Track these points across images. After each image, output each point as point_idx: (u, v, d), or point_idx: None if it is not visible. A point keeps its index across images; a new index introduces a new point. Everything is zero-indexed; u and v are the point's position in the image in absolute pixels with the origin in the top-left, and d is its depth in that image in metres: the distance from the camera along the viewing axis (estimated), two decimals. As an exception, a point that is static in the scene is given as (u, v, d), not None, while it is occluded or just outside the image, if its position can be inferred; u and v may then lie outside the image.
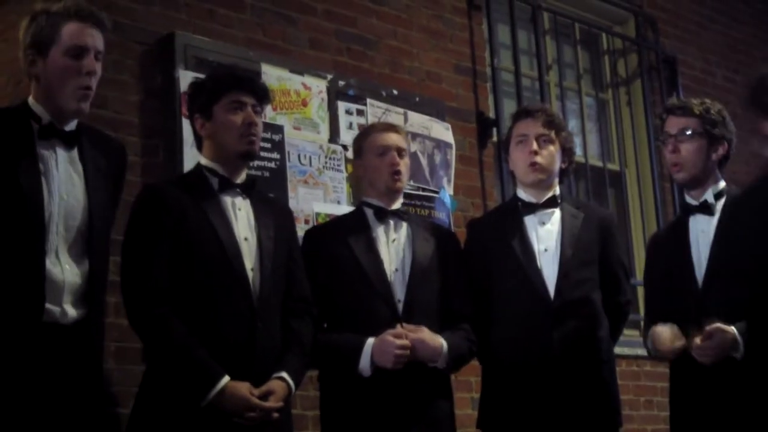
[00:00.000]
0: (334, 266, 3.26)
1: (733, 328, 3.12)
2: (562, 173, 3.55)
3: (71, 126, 2.75)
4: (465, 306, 3.38)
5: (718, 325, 3.13)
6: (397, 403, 3.13)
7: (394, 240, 3.33)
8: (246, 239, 2.97)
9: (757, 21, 7.12)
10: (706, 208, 3.37)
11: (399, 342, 3.11)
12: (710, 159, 3.39)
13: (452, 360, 3.24)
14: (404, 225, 3.37)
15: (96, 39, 2.74)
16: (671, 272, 3.39)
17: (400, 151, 3.37)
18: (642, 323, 3.57)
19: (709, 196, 3.39)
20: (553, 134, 3.45)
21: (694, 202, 3.42)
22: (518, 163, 3.49)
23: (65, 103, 2.70)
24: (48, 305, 2.57)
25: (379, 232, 3.34)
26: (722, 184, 3.42)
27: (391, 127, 3.48)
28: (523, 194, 3.52)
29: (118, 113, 3.71)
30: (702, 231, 3.36)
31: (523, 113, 3.56)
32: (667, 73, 6.24)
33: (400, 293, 3.25)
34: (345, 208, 4.22)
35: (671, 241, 3.44)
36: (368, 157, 3.39)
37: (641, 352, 4.57)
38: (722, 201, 3.38)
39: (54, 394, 2.57)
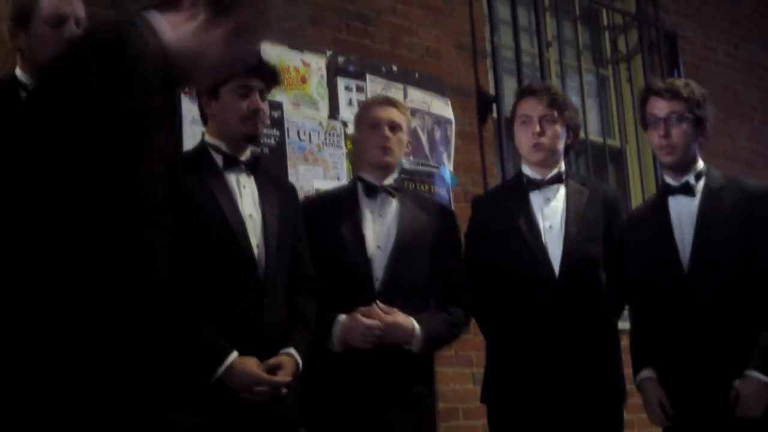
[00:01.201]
0: (321, 242, 3.21)
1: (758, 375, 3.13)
2: (567, 148, 3.53)
3: None
4: (456, 288, 3.35)
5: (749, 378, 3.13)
6: (374, 383, 3.11)
7: (380, 216, 3.30)
8: (251, 216, 2.97)
9: (758, -4, 7.11)
10: (687, 189, 3.36)
11: (367, 322, 3.09)
12: (696, 141, 3.39)
13: (426, 343, 3.20)
14: (393, 201, 3.32)
15: (75, 6, 2.74)
16: (654, 254, 3.36)
17: (393, 126, 3.31)
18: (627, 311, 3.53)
19: (690, 177, 3.37)
20: (556, 113, 3.43)
21: (674, 183, 3.39)
22: (522, 143, 3.48)
23: None
24: None
25: (367, 208, 3.30)
26: (701, 164, 3.41)
27: (389, 101, 3.44)
28: (528, 171, 3.50)
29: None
30: (684, 212, 3.34)
31: (526, 92, 3.54)
32: (667, 48, 6.22)
33: (379, 271, 3.22)
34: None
35: (651, 222, 3.42)
36: (362, 130, 3.37)
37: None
38: (702, 181, 3.37)
39: None
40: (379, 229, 3.28)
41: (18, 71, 2.72)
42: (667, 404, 3.23)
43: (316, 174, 4.25)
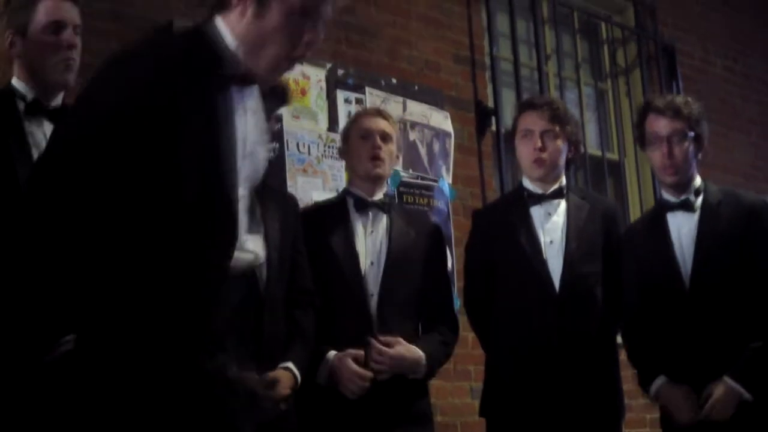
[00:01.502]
0: (312, 258, 3.19)
1: (738, 387, 3.14)
2: (568, 162, 3.52)
3: (57, 102, 2.72)
4: (443, 306, 3.36)
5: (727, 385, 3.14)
6: (375, 401, 3.10)
7: (372, 232, 3.28)
8: None
9: (757, 10, 7.11)
10: (687, 206, 3.35)
11: (359, 372, 3.06)
12: (696, 159, 3.39)
13: (431, 369, 3.22)
14: (384, 217, 3.30)
15: (72, 13, 2.73)
16: (653, 270, 3.35)
17: (384, 136, 3.28)
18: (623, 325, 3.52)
19: (690, 194, 3.36)
20: (558, 128, 3.42)
21: (673, 199, 3.39)
22: (523, 158, 3.47)
23: (49, 76, 2.69)
24: None
25: (358, 223, 3.28)
26: (698, 180, 3.40)
27: (378, 113, 3.41)
28: (529, 184, 3.49)
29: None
30: (683, 228, 3.33)
31: (527, 105, 3.53)
32: (666, 62, 6.23)
33: (373, 287, 3.20)
34: (344, 197, 4.24)
35: (651, 239, 3.40)
36: (352, 141, 3.34)
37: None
38: (701, 198, 3.37)
39: None
40: (371, 244, 3.26)
41: (15, 81, 2.72)
42: (694, 397, 3.20)
43: (315, 186, 4.25)
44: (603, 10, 6.26)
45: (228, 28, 2.00)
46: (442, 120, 4.83)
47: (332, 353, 3.09)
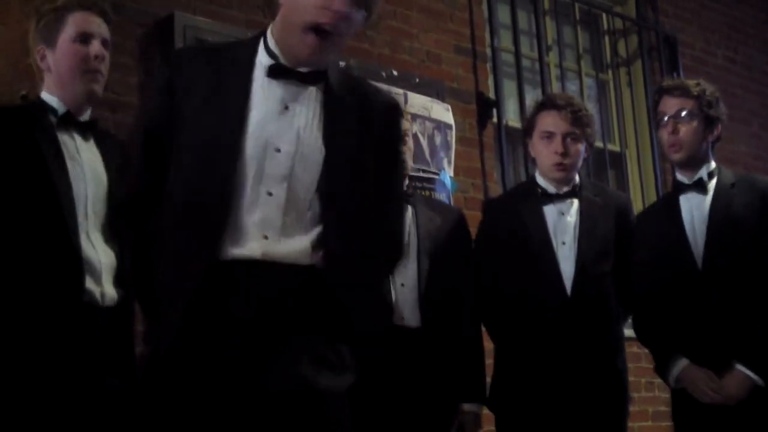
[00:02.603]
0: None
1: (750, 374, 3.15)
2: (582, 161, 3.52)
3: (86, 116, 2.80)
4: (467, 295, 3.36)
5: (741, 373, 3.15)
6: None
7: None
8: None
9: (758, 0, 7.10)
10: (699, 186, 3.35)
11: None
12: (706, 140, 3.38)
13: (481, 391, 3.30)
14: (408, 207, 3.31)
15: (101, 27, 2.81)
16: (666, 251, 3.35)
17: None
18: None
19: (703, 173, 3.37)
20: (579, 132, 3.41)
21: (686, 180, 3.39)
22: (543, 159, 3.45)
23: (78, 86, 2.75)
24: (88, 285, 2.58)
25: None
26: (713, 164, 3.41)
27: None
28: (542, 182, 3.48)
29: (118, 94, 3.69)
30: (696, 209, 3.34)
31: (549, 104, 3.49)
32: (667, 53, 6.22)
33: (402, 277, 3.21)
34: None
35: (663, 219, 3.41)
36: None
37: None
38: (714, 180, 3.37)
39: (90, 376, 2.58)
40: None
41: (44, 94, 2.79)
42: (717, 380, 3.19)
43: (316, 178, 4.23)
44: (604, 0, 6.24)
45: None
46: (443, 112, 4.81)
47: None
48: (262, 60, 2.22)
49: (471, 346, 3.34)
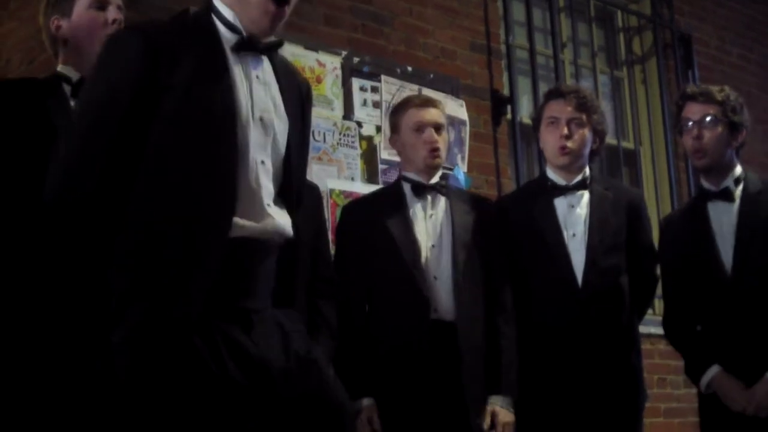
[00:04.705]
0: (370, 244, 3.23)
1: None
2: (593, 153, 3.51)
3: None
4: (503, 290, 3.34)
5: None
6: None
7: (431, 215, 3.30)
8: None
9: (773, -1, 7.08)
10: (726, 195, 3.34)
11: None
12: (730, 146, 3.36)
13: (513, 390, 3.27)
14: (443, 199, 3.33)
15: None
16: (695, 260, 3.34)
17: (437, 127, 3.32)
18: (661, 308, 3.51)
19: (729, 182, 3.35)
20: (584, 117, 3.42)
21: (712, 188, 3.37)
22: (548, 146, 3.46)
23: (96, 52, 2.70)
24: None
25: (417, 207, 3.31)
26: (739, 169, 3.39)
27: (429, 102, 3.42)
28: (552, 175, 3.49)
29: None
30: (723, 218, 3.33)
31: (555, 93, 3.51)
32: (682, 50, 6.21)
33: (435, 270, 3.22)
34: (359, 185, 4.23)
35: (691, 228, 3.39)
36: (405, 134, 3.35)
37: (654, 330, 4.58)
38: (741, 187, 3.36)
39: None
40: (431, 227, 3.28)
41: (60, 67, 2.76)
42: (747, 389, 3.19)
43: (331, 174, 4.25)
44: (619, -2, 6.24)
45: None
46: (457, 108, 4.82)
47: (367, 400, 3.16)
48: (224, 33, 2.20)
49: (505, 340, 3.30)
